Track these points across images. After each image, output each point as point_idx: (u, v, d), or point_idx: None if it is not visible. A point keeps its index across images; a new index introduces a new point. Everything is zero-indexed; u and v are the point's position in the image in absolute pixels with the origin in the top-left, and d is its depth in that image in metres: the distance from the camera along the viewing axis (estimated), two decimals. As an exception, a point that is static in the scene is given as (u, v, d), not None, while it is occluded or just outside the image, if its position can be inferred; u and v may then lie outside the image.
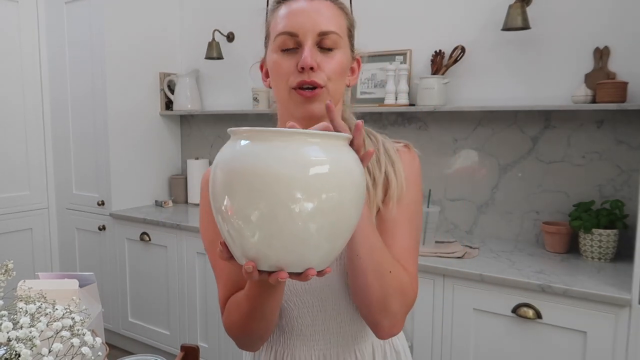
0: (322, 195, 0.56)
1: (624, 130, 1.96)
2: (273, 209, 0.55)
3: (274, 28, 0.82)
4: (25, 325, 0.74)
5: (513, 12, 2.00)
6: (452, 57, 2.24)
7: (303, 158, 0.56)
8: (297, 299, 0.87)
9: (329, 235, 0.58)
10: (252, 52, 2.93)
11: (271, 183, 0.55)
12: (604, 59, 1.96)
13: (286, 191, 0.55)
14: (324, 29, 0.78)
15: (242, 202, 0.57)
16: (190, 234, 2.58)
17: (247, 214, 0.57)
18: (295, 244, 0.57)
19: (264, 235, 0.57)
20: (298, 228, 0.56)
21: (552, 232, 2.00)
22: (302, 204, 0.55)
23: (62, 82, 3.06)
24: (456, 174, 2.34)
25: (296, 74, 0.78)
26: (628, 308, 1.53)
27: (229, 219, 0.58)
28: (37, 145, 3.08)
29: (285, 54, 0.80)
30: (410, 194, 0.85)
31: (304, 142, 0.57)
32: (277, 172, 0.55)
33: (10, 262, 0.87)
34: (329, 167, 0.57)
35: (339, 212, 0.58)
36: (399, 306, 0.79)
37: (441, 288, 1.85)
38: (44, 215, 3.15)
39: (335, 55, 0.80)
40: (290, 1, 0.81)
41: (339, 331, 0.89)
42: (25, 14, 2.97)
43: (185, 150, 3.31)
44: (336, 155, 0.58)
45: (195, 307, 2.62)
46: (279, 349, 0.91)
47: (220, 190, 0.59)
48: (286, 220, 0.56)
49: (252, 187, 0.56)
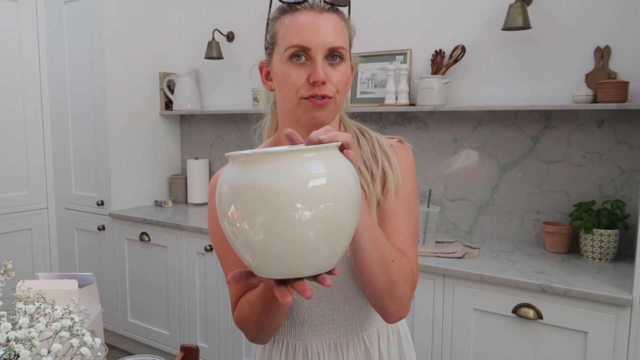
0: (320, 205, 0.59)
1: (624, 130, 1.96)
2: (279, 223, 0.58)
3: (282, 38, 0.84)
4: (24, 326, 0.73)
5: (513, 11, 2.00)
6: (452, 56, 2.24)
7: (302, 174, 0.59)
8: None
9: (329, 239, 0.61)
10: (252, 52, 2.93)
11: (273, 200, 0.58)
12: (604, 59, 1.96)
13: (288, 205, 0.58)
14: (334, 44, 0.83)
15: (257, 224, 0.59)
16: (190, 234, 2.57)
17: (257, 233, 0.60)
18: (303, 250, 0.60)
19: (281, 248, 0.60)
20: (302, 236, 0.59)
21: (552, 232, 1.99)
22: (302, 213, 0.58)
23: (61, 82, 3.05)
24: (456, 174, 2.34)
25: (307, 86, 0.83)
26: (629, 308, 1.53)
27: (245, 238, 0.61)
28: (37, 145, 3.08)
29: (294, 65, 0.83)
30: (406, 186, 0.91)
31: (300, 158, 0.60)
32: (280, 189, 0.58)
33: (10, 263, 0.86)
34: (326, 179, 0.60)
35: (337, 218, 0.61)
36: (404, 291, 0.85)
37: (441, 288, 1.84)
38: (43, 216, 3.14)
39: (341, 67, 0.85)
40: (297, 12, 0.84)
41: (347, 319, 0.94)
42: (24, 13, 2.97)
43: (185, 150, 3.31)
44: (332, 165, 0.61)
45: (195, 308, 2.61)
46: (290, 341, 0.95)
47: (225, 202, 0.62)
48: (291, 231, 0.59)
49: (261, 207, 0.59)
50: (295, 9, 0.85)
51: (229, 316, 2.46)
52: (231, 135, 3.08)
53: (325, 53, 0.83)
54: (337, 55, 0.84)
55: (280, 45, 0.85)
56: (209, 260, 2.51)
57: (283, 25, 0.85)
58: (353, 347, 0.95)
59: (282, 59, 0.84)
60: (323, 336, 0.94)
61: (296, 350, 0.95)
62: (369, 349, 0.96)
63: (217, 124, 3.13)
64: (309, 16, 0.83)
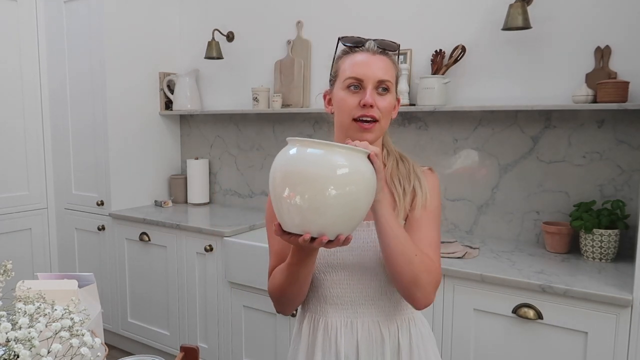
0: (346, 187, 0.85)
1: (624, 130, 1.96)
2: (315, 195, 0.84)
3: (343, 72, 1.08)
4: (24, 326, 0.73)
5: (513, 11, 2.00)
6: (452, 56, 2.24)
7: (333, 163, 0.86)
8: (332, 270, 1.12)
9: (350, 210, 0.87)
10: (252, 52, 2.93)
11: (313, 179, 0.85)
12: (604, 59, 1.96)
13: (322, 185, 0.84)
14: (381, 77, 1.05)
15: (297, 191, 0.85)
16: (190, 234, 2.57)
17: (299, 199, 0.85)
18: (328, 216, 0.86)
19: (308, 212, 0.85)
20: (331, 206, 0.85)
21: (552, 232, 1.99)
22: (332, 191, 0.84)
23: (61, 82, 3.05)
24: (456, 174, 2.33)
25: (358, 108, 1.05)
26: (629, 308, 1.53)
27: (287, 202, 0.87)
28: (36, 145, 3.08)
29: (350, 93, 1.06)
30: (432, 203, 1.12)
31: (334, 152, 0.87)
32: (316, 172, 0.85)
33: (9, 263, 0.86)
34: (349, 169, 0.86)
35: (355, 197, 0.87)
36: (427, 281, 1.03)
37: (441, 288, 1.84)
38: (43, 216, 3.14)
39: (387, 97, 1.07)
40: (356, 53, 1.09)
41: (364, 304, 1.12)
42: (24, 13, 2.96)
43: (185, 150, 3.30)
44: (355, 162, 0.88)
45: (195, 308, 2.61)
46: (315, 316, 1.16)
47: (280, 184, 0.88)
48: (323, 202, 0.85)
49: (301, 182, 0.85)
50: (355, 51, 1.09)
51: (229, 316, 2.46)
52: (231, 135, 3.07)
53: (374, 85, 1.05)
54: (384, 87, 1.06)
55: (340, 77, 1.09)
56: (209, 260, 2.51)
57: (344, 62, 1.10)
58: (368, 329, 1.11)
59: (341, 88, 1.08)
60: (342, 314, 1.13)
61: (319, 324, 1.14)
62: (384, 336, 1.11)
63: (217, 124, 3.13)
64: (365, 56, 1.08)
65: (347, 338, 1.12)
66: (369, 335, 1.11)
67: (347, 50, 1.12)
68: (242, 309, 2.40)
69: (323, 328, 1.14)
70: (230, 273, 2.39)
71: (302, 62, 2.71)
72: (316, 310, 1.16)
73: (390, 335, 1.12)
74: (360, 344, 1.11)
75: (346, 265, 1.11)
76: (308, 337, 1.16)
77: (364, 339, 1.11)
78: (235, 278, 2.38)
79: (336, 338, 1.12)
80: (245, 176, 3.05)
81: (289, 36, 2.78)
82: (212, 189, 3.20)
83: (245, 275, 2.34)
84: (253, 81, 2.93)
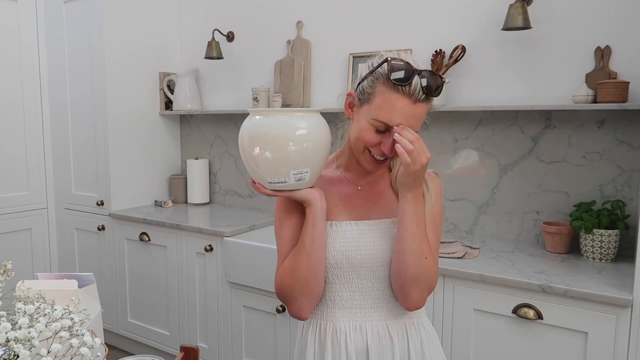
0: (304, 144, 1.02)
1: (624, 130, 1.96)
2: (279, 152, 1.02)
3: (377, 108, 1.01)
4: (23, 326, 0.73)
5: (514, 11, 2.00)
6: (452, 56, 2.24)
7: (293, 124, 1.02)
8: (340, 272, 1.11)
9: (308, 162, 1.04)
10: (252, 52, 2.93)
11: (276, 139, 1.01)
12: (605, 59, 1.96)
13: (284, 143, 1.01)
14: (412, 127, 1.00)
15: (263, 149, 1.02)
16: (190, 234, 2.57)
17: (267, 155, 1.02)
18: (291, 167, 1.03)
19: (276, 165, 1.03)
20: (294, 159, 1.03)
21: (552, 232, 1.99)
22: (292, 148, 1.01)
23: (61, 82, 3.05)
24: (456, 174, 2.33)
25: (377, 148, 1.04)
26: (629, 308, 1.52)
27: (256, 159, 1.04)
28: (36, 145, 3.08)
29: (373, 128, 1.02)
30: (436, 207, 1.13)
31: (293, 116, 1.04)
32: (279, 133, 1.02)
33: (9, 263, 0.86)
34: (307, 130, 1.02)
35: (312, 150, 1.03)
36: (426, 285, 1.05)
37: (441, 288, 1.84)
38: (43, 216, 3.14)
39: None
40: (399, 95, 0.98)
41: (373, 307, 1.11)
42: (24, 13, 2.96)
43: (185, 150, 3.30)
44: (313, 122, 1.04)
45: (194, 308, 2.61)
46: (322, 323, 1.13)
47: (248, 144, 1.04)
48: (286, 156, 1.02)
49: (268, 142, 1.02)
50: (397, 90, 0.98)
51: (229, 316, 2.46)
52: (231, 135, 3.07)
53: None
54: None
55: (372, 107, 1.02)
56: (209, 260, 2.51)
57: (383, 94, 1.00)
58: (378, 332, 1.10)
59: (368, 119, 1.02)
60: (351, 318, 1.11)
61: (327, 330, 1.12)
62: (393, 339, 1.10)
63: (217, 124, 3.13)
64: (405, 104, 0.99)
65: (357, 342, 1.10)
66: (379, 339, 1.10)
67: (391, 83, 0.99)
68: (242, 309, 2.40)
69: (332, 334, 1.12)
70: (230, 273, 2.39)
71: (302, 62, 2.71)
72: (322, 316, 1.14)
73: (399, 338, 1.11)
74: (370, 348, 1.09)
75: (355, 267, 1.10)
76: (315, 344, 1.14)
77: (374, 342, 1.10)
78: (235, 278, 2.38)
79: (346, 343, 1.10)
80: (245, 176, 3.05)
81: (289, 36, 2.78)
82: (212, 189, 3.20)
83: (245, 275, 2.34)
84: (253, 81, 2.93)
